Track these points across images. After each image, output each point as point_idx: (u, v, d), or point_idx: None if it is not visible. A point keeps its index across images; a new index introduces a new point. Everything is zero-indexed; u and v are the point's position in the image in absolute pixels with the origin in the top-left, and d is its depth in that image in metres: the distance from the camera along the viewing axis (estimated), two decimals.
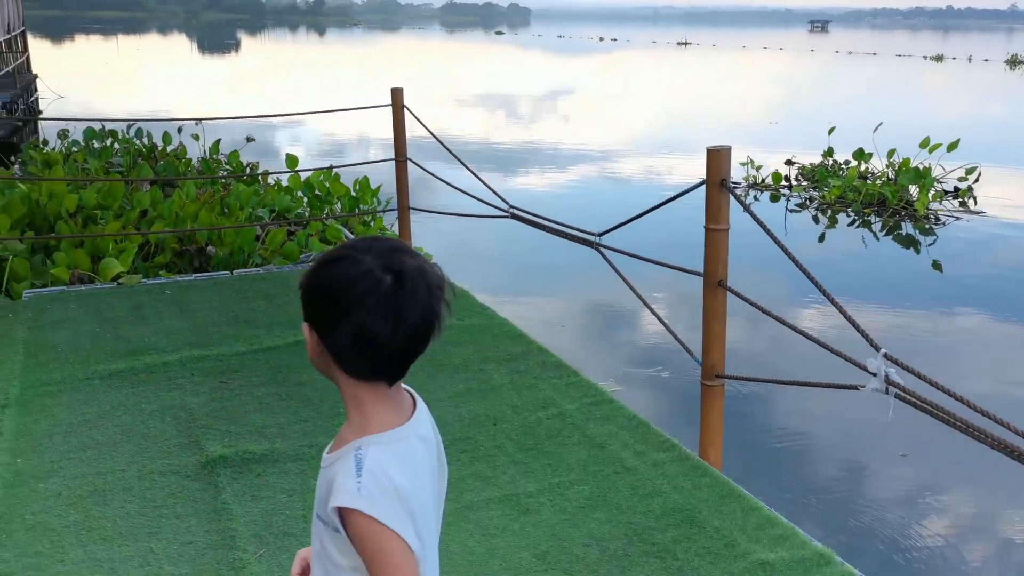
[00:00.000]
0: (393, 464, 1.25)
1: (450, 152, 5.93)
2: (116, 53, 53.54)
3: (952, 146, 12.27)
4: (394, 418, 1.31)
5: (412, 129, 6.40)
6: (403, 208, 6.65)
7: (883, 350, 2.85)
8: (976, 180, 12.41)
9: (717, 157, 3.36)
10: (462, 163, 5.77)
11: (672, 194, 3.76)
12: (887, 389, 2.83)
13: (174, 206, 6.97)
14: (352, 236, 7.78)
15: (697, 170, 14.81)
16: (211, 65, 46.62)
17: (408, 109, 6.41)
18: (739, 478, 3.45)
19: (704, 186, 3.42)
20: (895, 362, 2.83)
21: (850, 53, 59.53)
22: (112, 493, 3.13)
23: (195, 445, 3.51)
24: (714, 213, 3.40)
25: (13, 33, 21.82)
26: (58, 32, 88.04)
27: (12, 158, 12.90)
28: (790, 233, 10.77)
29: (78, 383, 4.08)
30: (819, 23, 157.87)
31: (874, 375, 2.85)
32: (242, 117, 8.02)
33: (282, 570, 2.76)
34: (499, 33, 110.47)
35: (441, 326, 1.30)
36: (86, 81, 31.93)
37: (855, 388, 3.11)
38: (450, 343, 4.66)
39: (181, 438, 3.56)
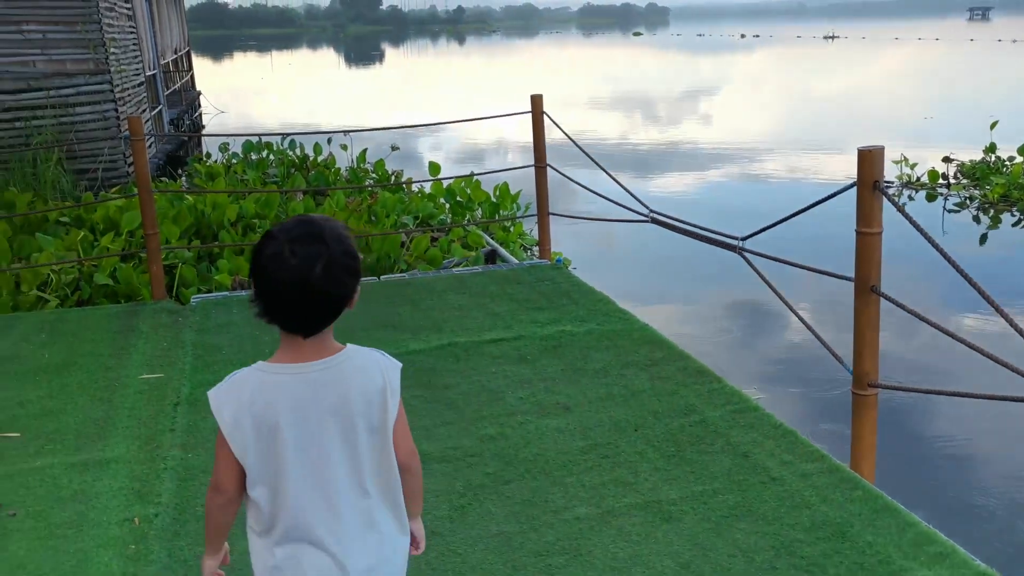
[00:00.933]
0: (241, 383, 1.66)
1: (589, 157, 5.95)
2: (270, 68, 56.49)
3: None
4: (286, 358, 1.67)
5: (551, 133, 6.45)
6: (543, 213, 6.72)
7: None
8: None
9: (869, 157, 3.23)
10: (601, 168, 5.77)
11: (820, 194, 3.64)
12: None
13: (325, 214, 7.30)
14: (492, 241, 7.93)
15: (846, 168, 14.23)
16: (357, 76, 48.45)
17: (547, 115, 6.46)
18: (893, 492, 3.30)
19: (855, 187, 3.29)
20: None
21: (1014, 41, 55.63)
22: None
23: None
24: (866, 216, 3.27)
25: (179, 53, 23.39)
26: (219, 50, 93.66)
27: (179, 171, 13.84)
28: (948, 234, 10.20)
29: None
30: (979, 10, 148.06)
31: None
32: (386, 128, 8.31)
33: (429, 568, 2.85)
34: (637, 34, 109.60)
35: (312, 288, 1.58)
36: (244, 96, 33.84)
37: (1022, 401, 2.92)
38: (591, 348, 4.68)
39: None
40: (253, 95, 34.64)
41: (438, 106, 27.05)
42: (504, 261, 7.36)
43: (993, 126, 12.90)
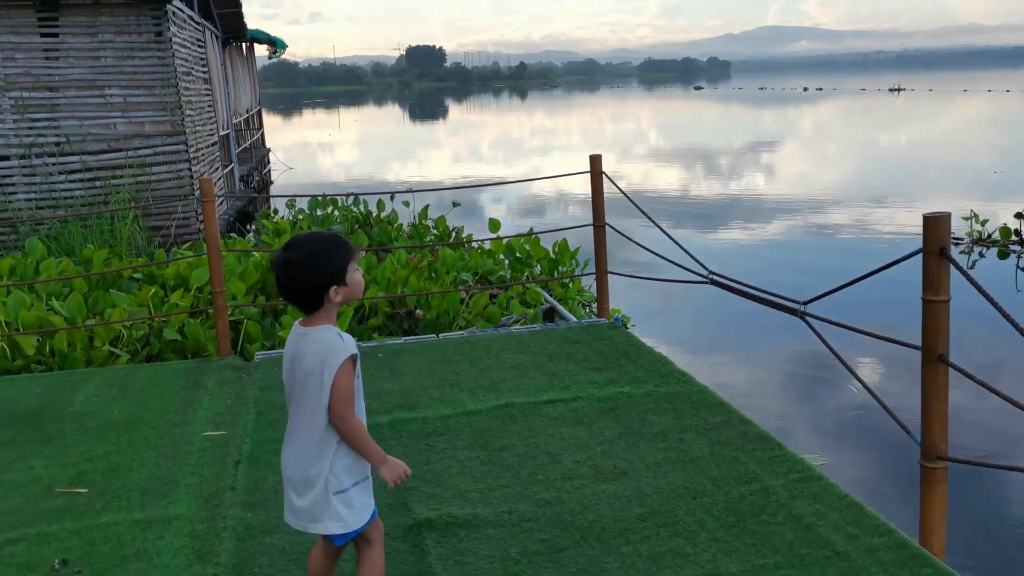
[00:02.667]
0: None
1: (648, 217, 5.95)
2: (338, 124, 58.02)
3: None
4: (300, 322, 2.54)
5: (610, 188, 6.47)
6: (601, 273, 6.72)
7: None
8: None
9: (935, 224, 3.17)
10: (661, 229, 5.76)
11: (885, 252, 3.57)
12: None
13: (386, 271, 7.41)
14: (551, 299, 7.93)
15: (911, 223, 13.95)
16: (421, 132, 49.44)
17: (606, 175, 6.51)
18: (965, 570, 3.16)
19: (921, 253, 3.23)
20: None
21: None
22: None
23: (403, 507, 3.67)
24: (932, 283, 3.20)
25: (251, 112, 24.22)
26: (289, 107, 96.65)
27: (248, 227, 14.23)
28: (1022, 292, 9.89)
29: None
30: None
31: None
32: (449, 188, 8.44)
33: None
34: (698, 88, 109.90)
35: (281, 281, 2.46)
36: (312, 152, 34.78)
37: None
38: (648, 410, 4.63)
39: (391, 499, 3.74)
40: (320, 151, 35.57)
41: (500, 161, 27.41)
42: (563, 319, 7.36)
43: None
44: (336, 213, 11.59)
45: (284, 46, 25.12)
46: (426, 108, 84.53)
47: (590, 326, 6.39)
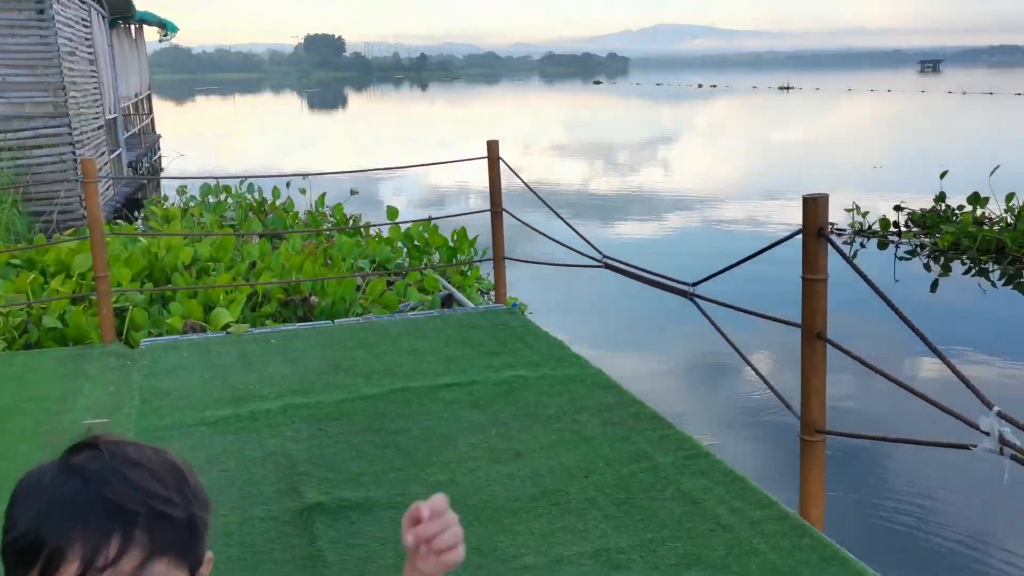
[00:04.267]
0: None
1: (544, 202, 6.00)
2: (233, 112, 56.42)
3: None
4: None
5: (508, 179, 6.50)
6: (498, 259, 6.74)
7: (996, 408, 2.71)
8: None
9: (814, 205, 3.29)
10: (556, 213, 5.82)
11: (770, 241, 3.70)
12: (1001, 450, 2.68)
13: (280, 258, 7.25)
14: (449, 285, 7.92)
15: (797, 215, 14.53)
16: (320, 121, 48.57)
17: (503, 161, 6.52)
18: (843, 540, 3.31)
19: (801, 235, 3.35)
20: (1011, 421, 2.69)
21: (964, 93, 57.49)
22: (215, 537, 3.22)
23: (294, 491, 3.60)
24: (811, 262, 3.32)
25: (140, 97, 23.29)
26: (182, 94, 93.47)
27: (136, 213, 13.69)
28: (899, 281, 10.39)
29: (188, 429, 4.26)
30: (930, 63, 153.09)
31: (987, 434, 2.71)
32: (344, 172, 8.32)
33: None
34: (597, 83, 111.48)
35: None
36: (205, 139, 33.74)
37: (966, 448, 2.96)
38: (544, 393, 4.67)
39: (281, 484, 3.66)
40: (214, 138, 34.53)
41: (399, 150, 27.20)
42: (460, 305, 7.36)
43: (943, 175, 13.23)
44: (229, 200, 11.28)
45: (175, 29, 24.27)
46: (325, 98, 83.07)
47: (487, 311, 6.41)
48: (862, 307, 7.39)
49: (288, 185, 11.27)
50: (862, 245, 12.24)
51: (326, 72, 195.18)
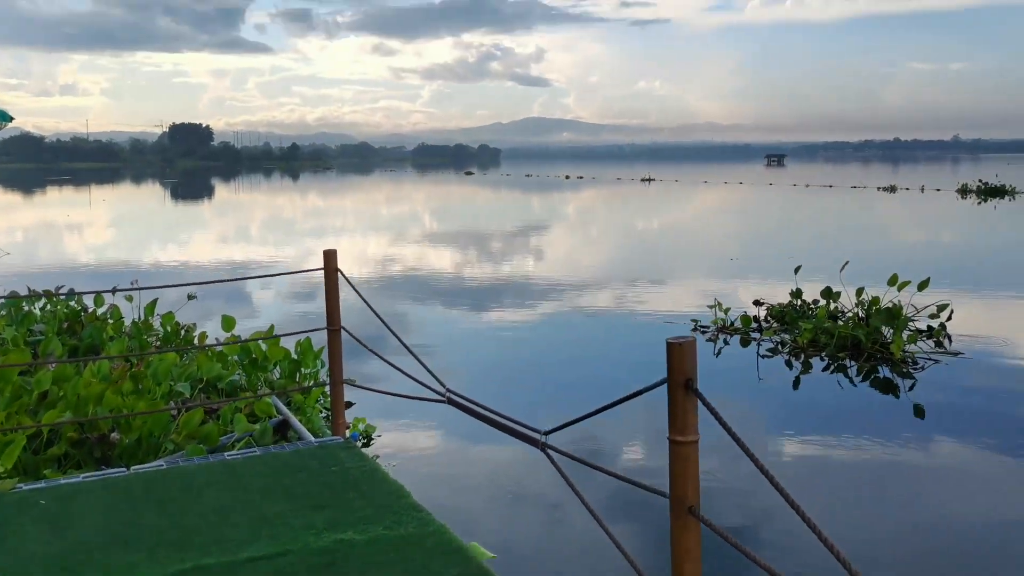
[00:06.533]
0: None
1: (385, 324, 5.26)
2: (85, 204, 53.61)
3: (923, 285, 11.88)
4: None
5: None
6: (336, 383, 5.93)
7: None
8: (949, 318, 11.93)
9: (679, 352, 2.69)
10: (397, 337, 5.08)
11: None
12: None
13: (78, 386, 6.19)
14: (285, 409, 7.01)
15: (666, 304, 14.31)
16: (180, 213, 46.61)
17: (341, 273, 5.79)
18: None
19: (666, 386, 2.74)
20: None
21: (807, 186, 60.99)
22: None
23: None
24: (679, 421, 2.71)
25: None
26: (30, 184, 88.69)
27: None
28: (764, 379, 10.18)
29: None
30: (775, 157, 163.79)
31: None
32: (173, 286, 7.37)
33: None
34: (469, 173, 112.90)
35: None
36: (42, 234, 31.49)
37: None
38: (372, 564, 3.85)
39: None
40: (54, 233, 32.33)
41: (268, 243, 25.99)
42: (296, 435, 6.47)
43: (797, 270, 13.34)
44: (43, 310, 10.01)
45: (8, 119, 22.62)
46: (190, 188, 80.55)
47: (321, 447, 5.56)
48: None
49: (114, 292, 10.12)
50: (725, 342, 12.04)
51: (192, 161, 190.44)
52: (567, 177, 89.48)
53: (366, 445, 7.49)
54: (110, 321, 9.53)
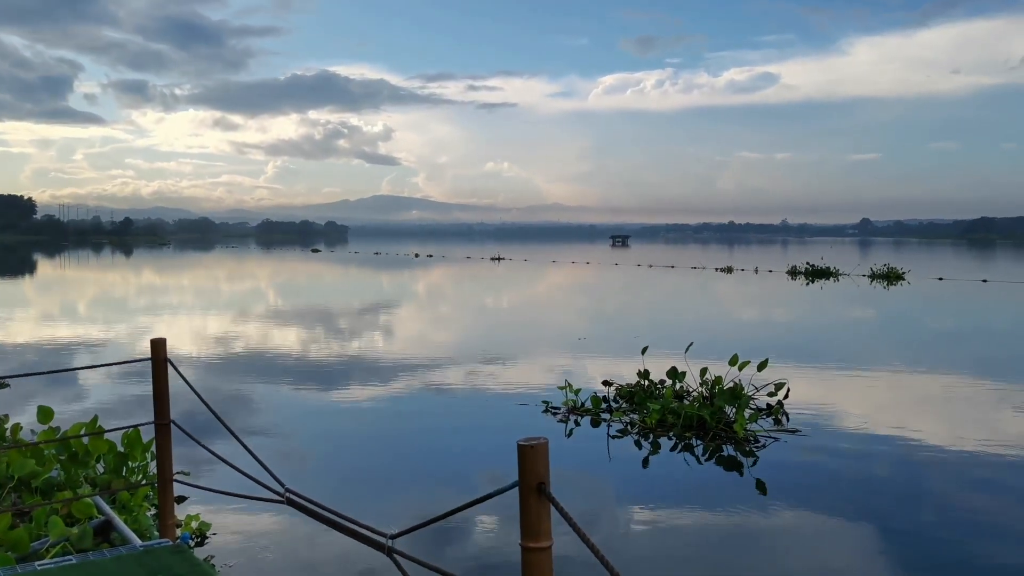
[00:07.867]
0: None
1: (220, 421, 4.92)
2: None
3: (762, 365, 12.44)
4: None
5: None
6: (164, 481, 5.49)
7: None
8: (786, 396, 12.54)
9: (532, 455, 2.60)
10: (232, 433, 4.76)
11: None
12: None
13: None
14: (109, 509, 6.42)
15: (514, 387, 14.30)
16: None
17: (171, 363, 5.41)
18: None
19: (517, 489, 2.63)
20: None
21: (651, 266, 63.65)
22: None
23: None
24: (532, 527, 2.60)
25: None
26: None
27: None
28: (614, 460, 10.29)
29: None
30: (620, 238, 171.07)
31: None
32: None
33: None
34: (315, 251, 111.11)
35: None
36: None
37: None
38: None
39: None
40: None
41: (93, 322, 24.35)
42: (120, 537, 5.92)
43: (644, 351, 13.71)
44: None
45: None
46: (6, 263, 75.25)
47: (146, 552, 5.09)
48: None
49: None
50: (576, 423, 12.13)
51: (12, 236, 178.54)
52: (416, 255, 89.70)
53: (200, 544, 6.96)
54: None
